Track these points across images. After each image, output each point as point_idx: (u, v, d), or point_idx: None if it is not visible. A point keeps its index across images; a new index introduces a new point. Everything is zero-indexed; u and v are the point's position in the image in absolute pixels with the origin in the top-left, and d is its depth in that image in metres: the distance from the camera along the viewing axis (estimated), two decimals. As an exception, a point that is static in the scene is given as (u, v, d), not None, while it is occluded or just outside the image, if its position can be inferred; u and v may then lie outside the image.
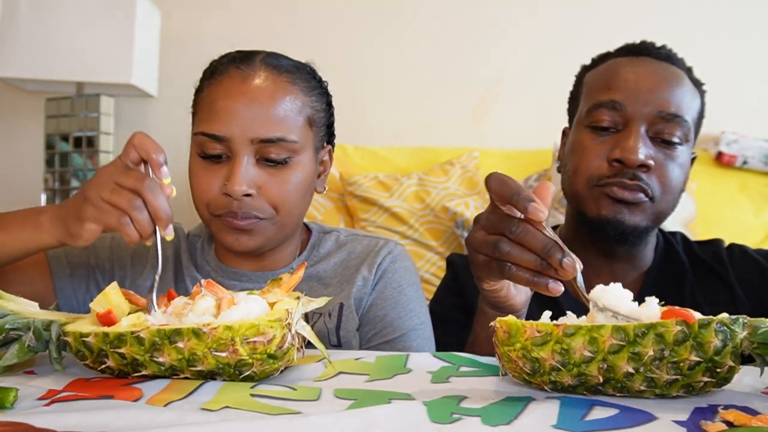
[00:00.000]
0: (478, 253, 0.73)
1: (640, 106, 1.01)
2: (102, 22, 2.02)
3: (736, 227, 1.90)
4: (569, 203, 1.12)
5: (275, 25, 2.32)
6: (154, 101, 2.31)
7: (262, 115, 0.92)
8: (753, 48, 2.25)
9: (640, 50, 1.09)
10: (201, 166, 0.95)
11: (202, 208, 0.96)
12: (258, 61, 0.96)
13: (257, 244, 0.96)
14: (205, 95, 0.97)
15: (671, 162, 1.02)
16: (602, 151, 1.02)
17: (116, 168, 0.80)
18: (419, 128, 2.27)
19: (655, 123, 1.01)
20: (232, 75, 0.95)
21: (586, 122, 1.06)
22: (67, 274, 1.01)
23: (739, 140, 2.05)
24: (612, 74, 1.07)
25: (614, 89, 1.04)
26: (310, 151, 0.99)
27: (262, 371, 0.64)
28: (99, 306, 0.68)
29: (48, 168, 2.21)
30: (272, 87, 0.94)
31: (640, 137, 1.00)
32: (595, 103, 1.05)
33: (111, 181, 0.79)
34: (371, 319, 1.03)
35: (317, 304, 0.70)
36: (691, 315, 0.57)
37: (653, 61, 1.07)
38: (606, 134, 1.03)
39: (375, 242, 1.09)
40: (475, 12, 2.30)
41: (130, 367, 0.64)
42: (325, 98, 1.03)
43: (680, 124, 1.02)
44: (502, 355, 0.62)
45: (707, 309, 0.67)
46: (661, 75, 1.05)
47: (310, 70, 1.02)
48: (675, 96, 1.03)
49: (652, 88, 1.02)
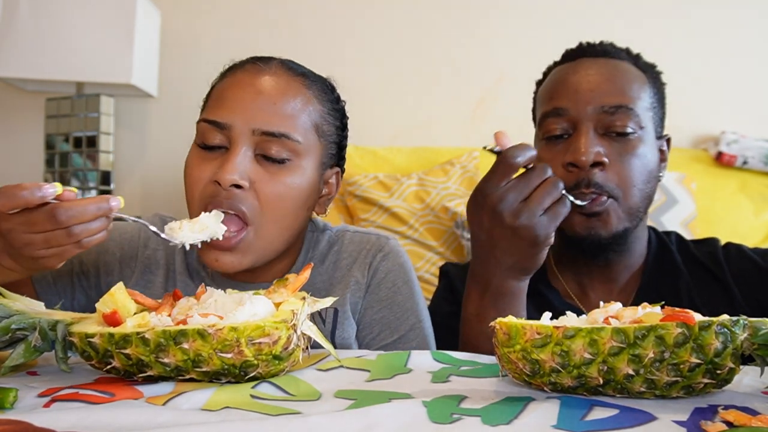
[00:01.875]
0: (534, 216, 0.85)
1: (583, 106, 1.02)
2: (102, 22, 2.01)
3: (736, 227, 1.90)
4: None
5: (275, 25, 2.32)
6: (154, 101, 2.31)
7: (268, 108, 0.89)
8: (753, 48, 2.25)
9: (577, 53, 1.11)
10: (197, 155, 0.91)
11: (194, 205, 0.90)
12: (276, 61, 0.95)
13: (238, 263, 0.89)
14: (217, 87, 0.95)
15: (628, 154, 1.02)
16: (558, 160, 1.03)
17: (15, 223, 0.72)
18: (419, 128, 2.27)
19: (602, 119, 1.02)
20: (247, 69, 0.94)
21: (540, 135, 1.08)
22: (50, 283, 0.98)
23: (739, 140, 2.05)
24: (554, 83, 1.09)
25: (556, 97, 1.05)
26: (314, 160, 0.94)
27: (268, 372, 0.64)
28: (105, 306, 0.68)
29: (48, 168, 2.21)
30: (284, 84, 0.92)
31: (589, 137, 1.00)
32: (543, 114, 1.07)
33: (24, 237, 0.72)
34: (368, 323, 1.01)
35: (323, 304, 0.70)
36: (692, 317, 0.57)
37: (590, 60, 1.08)
38: (560, 142, 1.04)
39: (366, 239, 1.05)
40: (475, 12, 2.30)
41: (135, 368, 0.64)
42: (339, 117, 1.00)
43: (626, 113, 1.01)
44: (501, 356, 0.62)
45: (704, 309, 0.68)
46: (598, 71, 1.05)
47: (329, 84, 1.00)
48: (615, 88, 1.03)
49: (591, 86, 1.03)
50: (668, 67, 1.17)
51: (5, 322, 0.67)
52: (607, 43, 1.12)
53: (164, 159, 2.30)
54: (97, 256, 1.02)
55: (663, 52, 2.24)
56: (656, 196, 1.91)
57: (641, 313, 0.61)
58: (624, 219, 1.02)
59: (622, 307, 0.64)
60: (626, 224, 1.02)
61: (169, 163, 2.29)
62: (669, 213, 1.86)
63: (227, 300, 0.68)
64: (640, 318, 0.61)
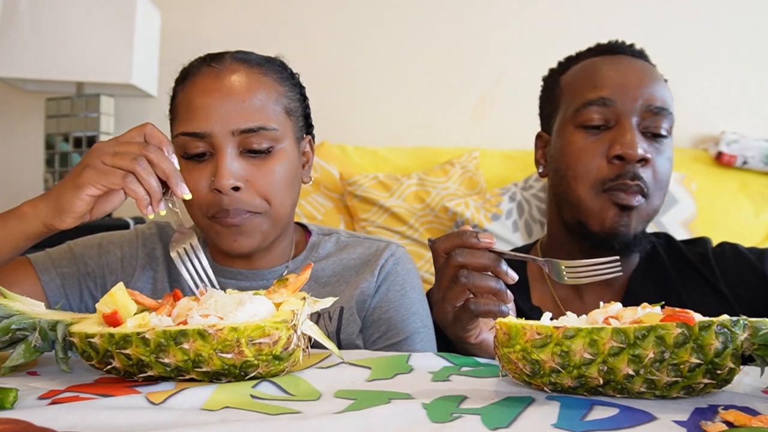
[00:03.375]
0: (446, 311, 0.79)
1: (630, 101, 1.02)
2: (102, 23, 2.01)
3: (736, 227, 1.90)
4: (564, 211, 1.08)
5: (274, 25, 2.32)
6: (154, 101, 2.31)
7: (240, 107, 0.92)
8: (753, 48, 2.25)
9: (615, 49, 1.11)
10: (185, 167, 0.94)
11: (197, 213, 0.95)
12: (228, 58, 0.97)
13: (256, 243, 0.95)
14: (180, 98, 0.98)
15: (661, 155, 1.03)
16: (599, 150, 1.02)
17: (115, 140, 0.80)
18: (419, 128, 2.27)
19: (645, 117, 1.02)
20: (204, 73, 0.96)
21: (575, 122, 1.05)
22: (59, 285, 1.01)
23: (739, 140, 2.05)
24: (595, 72, 1.07)
25: (601, 86, 1.04)
26: (291, 139, 0.99)
27: (268, 372, 0.64)
28: (105, 306, 0.68)
29: (48, 168, 2.21)
30: (246, 80, 0.95)
31: (636, 132, 1.01)
32: (584, 102, 1.04)
33: (111, 148, 0.78)
34: (375, 322, 1.02)
35: (323, 304, 0.70)
36: (692, 317, 0.57)
37: (630, 58, 1.09)
38: (598, 132, 1.03)
39: (377, 244, 1.09)
40: (475, 12, 2.30)
41: (135, 368, 0.64)
42: (298, 89, 1.04)
43: (666, 116, 1.03)
44: (501, 356, 0.62)
45: (694, 310, 0.68)
46: (642, 71, 1.06)
47: (280, 63, 1.03)
48: (658, 90, 1.04)
49: (638, 83, 1.03)
50: (668, 67, 1.17)
51: (5, 322, 0.67)
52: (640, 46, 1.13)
53: (164, 159, 2.30)
54: (99, 258, 1.05)
55: (663, 53, 2.24)
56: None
57: (641, 314, 0.61)
58: (644, 220, 1.03)
59: (622, 308, 0.64)
60: (644, 226, 1.04)
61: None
62: (669, 213, 1.86)
63: (227, 300, 0.68)
64: (640, 318, 0.61)
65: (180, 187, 0.79)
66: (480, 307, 0.76)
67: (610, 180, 1.00)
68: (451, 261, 0.77)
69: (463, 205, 1.84)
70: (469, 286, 0.76)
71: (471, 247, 0.76)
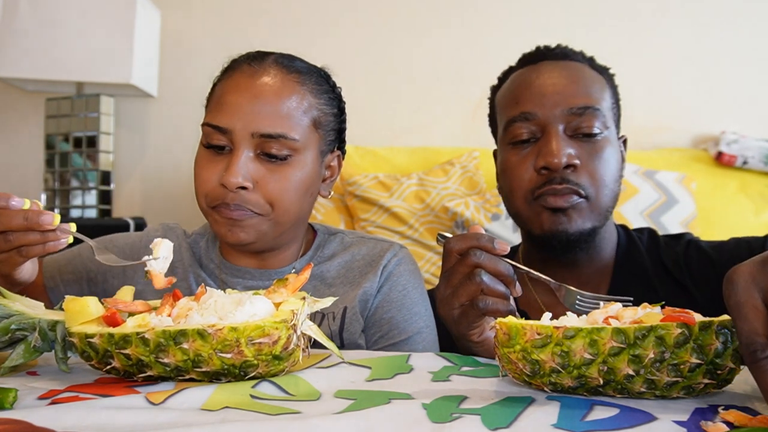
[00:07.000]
0: (453, 308, 0.80)
1: (550, 109, 1.03)
2: (102, 23, 2.02)
3: (736, 227, 1.90)
4: (516, 223, 1.13)
5: (274, 25, 2.32)
6: (154, 101, 2.31)
7: (265, 111, 0.93)
8: (753, 48, 2.25)
9: (536, 57, 1.11)
10: (205, 155, 0.96)
11: (201, 199, 0.97)
12: (270, 60, 0.98)
13: (251, 238, 0.96)
14: (217, 88, 0.99)
15: (596, 154, 1.03)
16: (528, 163, 1.04)
17: None
18: (419, 128, 2.28)
19: (570, 120, 1.02)
20: (242, 70, 0.97)
21: (506, 140, 1.08)
22: (62, 293, 1.04)
23: (739, 140, 2.05)
24: (517, 87, 1.09)
25: (522, 101, 1.06)
26: (314, 152, 0.99)
27: (268, 372, 0.64)
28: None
29: (48, 168, 2.21)
30: (279, 84, 0.95)
31: (560, 139, 1.01)
32: (509, 119, 1.07)
33: None
34: (377, 322, 1.03)
35: (323, 304, 0.70)
36: (692, 317, 0.57)
37: (551, 63, 1.09)
38: (527, 146, 1.05)
39: (380, 245, 1.09)
40: (475, 12, 2.30)
41: (135, 368, 0.64)
42: (336, 104, 1.04)
43: (594, 114, 1.03)
44: (501, 356, 0.62)
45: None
46: (561, 74, 1.06)
47: (323, 74, 1.03)
48: (580, 89, 1.04)
49: (557, 88, 1.04)
50: (669, 68, 1.17)
51: (5, 322, 0.67)
52: (564, 46, 1.12)
53: (164, 159, 2.30)
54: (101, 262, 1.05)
55: (663, 53, 2.25)
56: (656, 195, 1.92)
57: (641, 314, 0.61)
58: (593, 218, 1.03)
59: (622, 308, 0.64)
60: (594, 223, 1.04)
61: (169, 163, 2.29)
62: (669, 213, 1.86)
63: (227, 300, 0.68)
64: (640, 318, 0.61)
65: (45, 215, 0.77)
66: (489, 304, 0.77)
67: (538, 188, 1.02)
68: (468, 260, 0.78)
69: (463, 205, 1.84)
70: (483, 286, 0.77)
71: (487, 251, 0.78)
